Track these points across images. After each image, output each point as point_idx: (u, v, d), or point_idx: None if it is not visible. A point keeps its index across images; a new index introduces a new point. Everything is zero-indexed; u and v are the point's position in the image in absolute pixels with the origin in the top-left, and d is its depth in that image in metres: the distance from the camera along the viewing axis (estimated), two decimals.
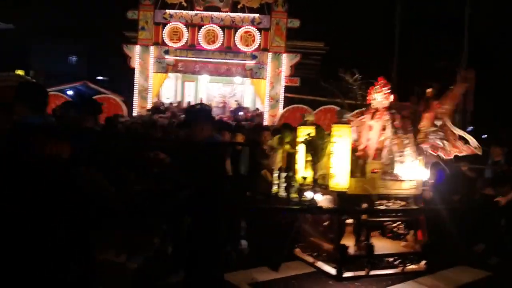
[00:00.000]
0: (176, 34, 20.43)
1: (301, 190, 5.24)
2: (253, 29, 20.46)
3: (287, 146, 5.63)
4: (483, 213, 6.80)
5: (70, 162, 3.30)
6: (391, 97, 5.90)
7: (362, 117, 6.31)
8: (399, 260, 5.41)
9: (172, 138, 7.74)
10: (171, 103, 20.61)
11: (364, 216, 5.27)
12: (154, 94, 20.56)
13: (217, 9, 20.72)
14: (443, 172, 5.97)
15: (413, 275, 5.51)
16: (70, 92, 20.53)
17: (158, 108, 20.02)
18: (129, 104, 20.38)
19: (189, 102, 20.95)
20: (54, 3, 23.19)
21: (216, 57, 20.65)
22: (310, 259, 5.62)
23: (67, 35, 23.98)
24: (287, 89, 20.91)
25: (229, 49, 20.63)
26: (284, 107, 20.10)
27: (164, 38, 20.37)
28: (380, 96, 6.02)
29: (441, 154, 5.80)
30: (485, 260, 6.53)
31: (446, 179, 6.39)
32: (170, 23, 20.42)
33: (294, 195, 5.37)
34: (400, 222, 5.48)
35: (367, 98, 6.28)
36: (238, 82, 22.17)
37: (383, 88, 6.06)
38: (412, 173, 5.60)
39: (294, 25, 20.86)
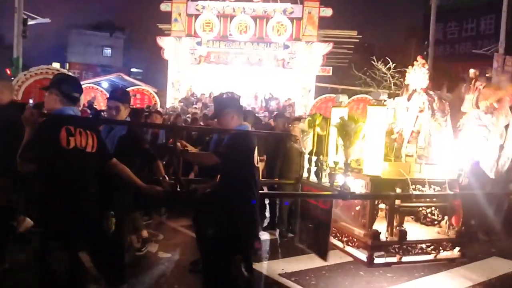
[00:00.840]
0: (208, 25, 20.43)
1: (332, 175, 5.06)
2: (285, 19, 20.24)
3: (318, 129, 5.43)
4: None
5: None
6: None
7: (399, 98, 6.07)
8: (432, 247, 5.16)
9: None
10: (202, 94, 20.61)
11: (397, 201, 5.05)
12: (186, 85, 20.59)
13: (249, 0, 20.58)
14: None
15: (447, 263, 5.27)
16: (105, 84, 20.83)
17: (189, 99, 20.05)
18: (162, 95, 20.53)
19: (221, 93, 20.86)
20: None
21: (248, 47, 20.55)
22: (341, 245, 5.43)
23: (102, 28, 24.33)
24: (319, 78, 20.62)
25: (261, 39, 20.51)
26: (316, 97, 19.84)
27: (196, 30, 20.39)
28: (418, 76, 5.75)
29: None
30: None
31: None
32: (203, 14, 20.38)
33: (324, 180, 5.21)
34: (434, 208, 5.22)
35: (403, 84, 6.04)
36: (270, 72, 21.95)
37: (422, 68, 5.78)
38: (448, 157, 5.34)
39: (327, 14, 20.56)
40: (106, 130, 4.27)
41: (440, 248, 5.20)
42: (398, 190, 5.09)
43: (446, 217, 5.36)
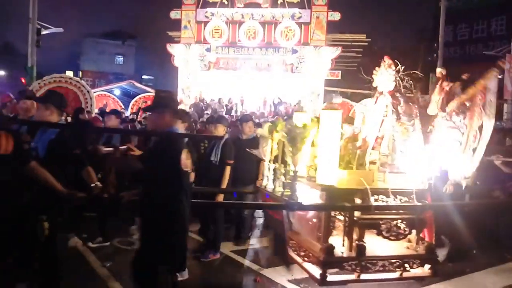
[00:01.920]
0: (217, 32, 20.15)
1: (287, 184, 4.57)
2: (293, 24, 19.79)
3: (279, 135, 4.94)
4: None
5: None
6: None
7: (366, 100, 5.52)
8: (396, 264, 4.59)
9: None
10: (212, 100, 20.27)
11: (357, 213, 4.51)
12: (196, 91, 20.31)
13: (258, 5, 20.20)
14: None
15: (416, 282, 4.71)
16: (117, 92, 20.73)
17: (199, 104, 19.74)
18: None
19: (230, 99, 20.57)
20: (101, 7, 23.53)
21: (257, 53, 20.18)
22: (299, 260, 4.92)
23: (115, 36, 24.33)
24: (328, 82, 20.04)
25: (269, 45, 20.10)
26: (324, 101, 19.25)
27: (205, 36, 20.12)
28: (384, 78, 5.21)
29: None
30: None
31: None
32: (212, 21, 20.10)
33: (278, 189, 4.73)
34: (400, 221, 4.64)
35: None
36: (279, 77, 21.49)
37: (388, 69, 5.24)
38: (417, 165, 4.77)
39: (335, 18, 20.01)
40: (40, 133, 3.92)
41: (406, 265, 4.64)
42: (359, 201, 4.60)
43: (414, 231, 4.82)
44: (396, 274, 4.59)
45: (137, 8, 23.76)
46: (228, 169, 5.37)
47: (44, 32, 18.35)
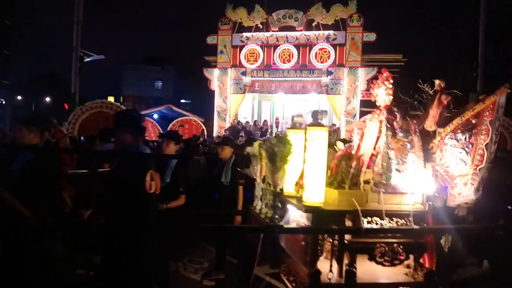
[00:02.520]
0: (252, 56, 20.23)
1: (276, 206, 4.31)
2: (328, 46, 19.59)
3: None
4: None
5: None
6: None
7: (365, 117, 5.23)
8: None
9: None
10: (247, 122, 20.26)
11: (348, 236, 4.19)
12: (232, 114, 20.40)
13: (292, 29, 20.18)
14: None
15: None
16: (156, 116, 21.14)
17: (235, 127, 19.75)
18: (209, 124, 20.46)
19: (265, 121, 20.50)
20: (140, 34, 24.25)
21: (292, 75, 20.06)
22: (288, 285, 4.61)
23: (154, 62, 24.95)
24: (364, 103, 19.55)
25: (304, 67, 19.94)
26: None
27: (241, 60, 20.24)
28: (381, 92, 4.90)
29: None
30: None
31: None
32: (247, 46, 20.24)
33: (265, 210, 4.48)
34: (396, 245, 4.26)
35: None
36: (314, 98, 21.25)
37: (385, 82, 4.93)
38: (415, 185, 4.40)
39: (370, 38, 19.67)
40: (20, 155, 3.90)
41: None
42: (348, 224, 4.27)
43: (412, 256, 4.42)
44: None
45: (175, 34, 24.36)
46: (241, 189, 5.21)
47: (86, 59, 19.07)
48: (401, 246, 4.26)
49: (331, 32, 19.82)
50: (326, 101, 20.29)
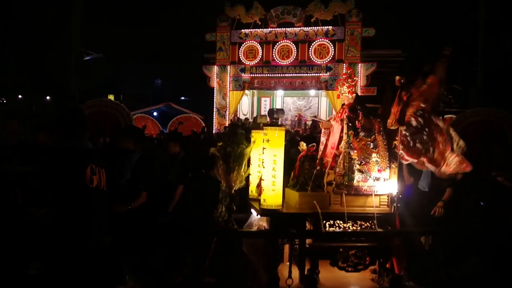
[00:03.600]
0: (251, 52, 20.02)
1: (230, 208, 4.16)
2: (327, 42, 19.33)
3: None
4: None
5: None
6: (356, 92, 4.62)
7: (331, 116, 5.05)
8: None
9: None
10: (246, 119, 20.09)
11: (309, 241, 4.02)
12: (231, 111, 20.24)
13: (291, 25, 19.93)
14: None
15: None
16: (155, 113, 21.05)
17: (234, 124, 19.59)
18: (209, 121, 20.32)
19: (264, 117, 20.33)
20: (139, 32, 24.16)
21: (291, 71, 19.84)
22: None
23: (153, 60, 24.85)
24: (364, 99, 19.24)
25: (303, 63, 19.69)
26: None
27: (240, 57, 20.05)
28: (345, 90, 4.73)
29: (428, 165, 4.35)
30: None
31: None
32: (246, 42, 20.04)
33: (224, 213, 4.33)
34: (359, 249, 4.09)
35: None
36: (313, 94, 21.01)
37: (348, 80, 4.76)
38: (380, 186, 4.21)
39: (370, 34, 19.33)
40: None
41: None
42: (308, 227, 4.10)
43: (377, 261, 4.24)
44: None
45: (174, 31, 24.13)
46: (180, 189, 5.06)
47: (86, 58, 19.00)
48: (365, 251, 4.10)
49: (330, 27, 19.53)
50: (325, 97, 20.05)
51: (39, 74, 19.29)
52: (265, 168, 3.92)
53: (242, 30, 20.34)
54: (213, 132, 19.56)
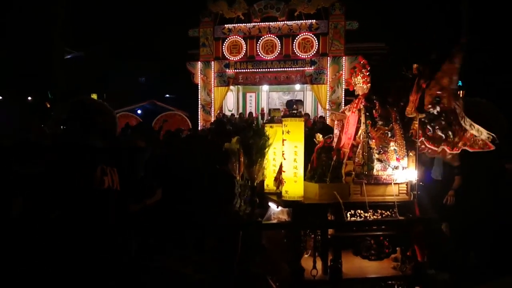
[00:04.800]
0: (235, 48, 19.90)
1: (253, 201, 4.09)
2: (310, 35, 19.32)
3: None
4: None
5: None
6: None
7: (344, 108, 5.02)
8: (379, 287, 4.02)
9: None
10: (232, 115, 19.98)
11: (331, 231, 3.99)
12: (216, 108, 20.10)
13: (274, 19, 19.86)
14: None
15: None
16: (139, 111, 20.76)
17: (220, 121, 19.45)
18: (194, 119, 20.15)
19: (250, 113, 20.27)
20: (122, 29, 23.77)
21: (275, 66, 19.77)
22: (272, 284, 4.41)
23: (137, 57, 24.49)
24: (349, 92, 19.29)
25: (287, 57, 19.66)
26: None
27: (224, 52, 19.91)
28: (359, 80, 4.70)
29: (445, 147, 4.34)
30: None
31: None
32: (229, 38, 19.89)
33: (243, 207, 4.26)
34: (382, 238, 4.08)
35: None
36: (298, 89, 21.04)
37: (362, 70, 4.73)
38: (399, 174, 4.21)
39: (353, 27, 19.41)
40: None
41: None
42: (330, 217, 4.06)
43: (399, 249, 4.23)
44: None
45: (157, 28, 23.78)
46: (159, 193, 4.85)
47: (67, 56, 18.61)
48: (387, 239, 4.08)
49: (314, 21, 19.53)
50: (310, 91, 20.09)
51: (20, 73, 18.83)
52: (286, 159, 3.86)
53: (225, 25, 20.19)
54: (199, 129, 19.41)
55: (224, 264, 4.67)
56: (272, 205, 4.27)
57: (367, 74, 4.64)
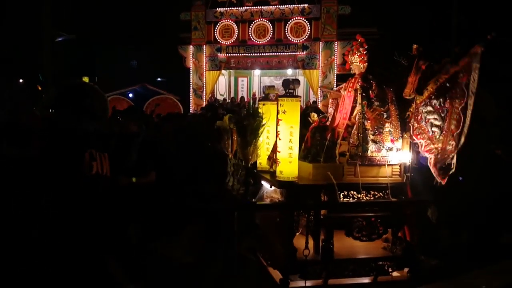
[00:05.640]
0: (227, 31, 19.70)
1: (248, 182, 4.05)
2: (303, 20, 19.18)
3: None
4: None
5: None
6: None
7: (340, 86, 4.96)
8: (368, 268, 4.02)
9: None
10: (224, 99, 19.87)
11: (323, 211, 3.97)
12: (208, 92, 19.96)
13: (267, 3, 19.65)
14: None
15: (392, 287, 4.09)
16: (130, 95, 20.56)
17: (212, 105, 19.33)
18: (186, 103, 19.99)
19: (242, 97, 20.16)
20: (114, 12, 23.40)
21: (267, 50, 19.63)
22: (264, 263, 4.40)
23: (129, 41, 24.22)
24: (340, 77, 19.28)
25: (280, 42, 19.52)
26: None
27: (216, 36, 19.71)
28: (356, 59, 4.64)
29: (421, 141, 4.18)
30: None
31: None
32: (221, 21, 19.68)
33: (237, 187, 4.23)
34: (374, 219, 4.06)
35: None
36: (290, 74, 20.93)
37: (359, 48, 4.67)
38: (393, 156, 4.18)
39: (345, 11, 19.28)
40: None
41: (380, 268, 4.06)
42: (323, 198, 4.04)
43: (390, 230, 4.23)
44: (368, 279, 4.03)
45: (149, 12, 23.47)
46: (152, 176, 4.73)
47: (57, 39, 18.31)
48: (379, 220, 4.07)
49: (306, 5, 19.37)
50: (302, 76, 19.98)
51: (9, 57, 18.53)
52: (281, 140, 3.81)
53: (217, 8, 19.94)
54: (190, 112, 19.28)
55: (214, 246, 4.65)
56: (265, 184, 4.23)
57: (364, 53, 4.58)
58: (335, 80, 19.20)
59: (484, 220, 4.89)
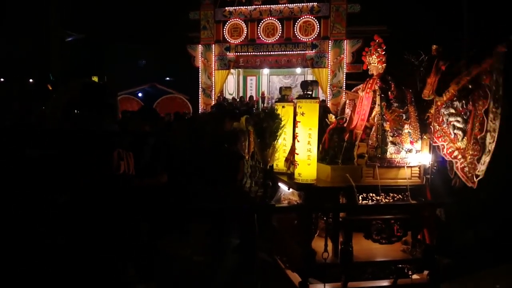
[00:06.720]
0: (236, 30, 19.69)
1: (266, 184, 4.00)
2: (312, 18, 19.11)
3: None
4: None
5: None
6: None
7: (357, 87, 4.91)
8: (388, 270, 3.98)
9: None
10: (233, 98, 19.85)
11: (342, 214, 3.93)
12: (217, 91, 19.95)
13: (275, 1, 19.59)
14: None
15: None
16: (140, 94, 20.61)
17: (221, 104, 19.34)
18: (195, 102, 20.00)
19: (251, 97, 20.13)
20: (123, 12, 23.43)
21: (276, 49, 19.59)
22: (282, 265, 4.37)
23: (138, 40, 24.26)
24: (350, 76, 19.20)
25: (288, 41, 19.47)
26: None
27: (225, 35, 19.70)
28: (374, 59, 4.59)
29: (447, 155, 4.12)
30: None
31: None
32: (230, 20, 19.66)
33: (255, 188, 4.19)
34: (393, 221, 4.02)
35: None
36: (299, 72, 20.86)
37: (377, 49, 4.62)
38: (412, 157, 4.13)
39: (355, 10, 19.17)
40: None
41: (400, 271, 4.02)
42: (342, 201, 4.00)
43: (409, 233, 4.18)
44: (388, 282, 3.99)
45: (158, 11, 23.49)
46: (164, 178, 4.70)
47: (67, 39, 18.38)
48: (398, 223, 4.03)
49: (315, 4, 19.30)
50: (311, 74, 19.92)
51: (19, 57, 18.63)
52: (299, 142, 3.78)
53: (226, 8, 19.93)
54: (199, 112, 19.31)
55: (223, 245, 4.61)
56: (282, 186, 4.20)
57: (383, 53, 4.52)
58: (344, 79, 19.12)
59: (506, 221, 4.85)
